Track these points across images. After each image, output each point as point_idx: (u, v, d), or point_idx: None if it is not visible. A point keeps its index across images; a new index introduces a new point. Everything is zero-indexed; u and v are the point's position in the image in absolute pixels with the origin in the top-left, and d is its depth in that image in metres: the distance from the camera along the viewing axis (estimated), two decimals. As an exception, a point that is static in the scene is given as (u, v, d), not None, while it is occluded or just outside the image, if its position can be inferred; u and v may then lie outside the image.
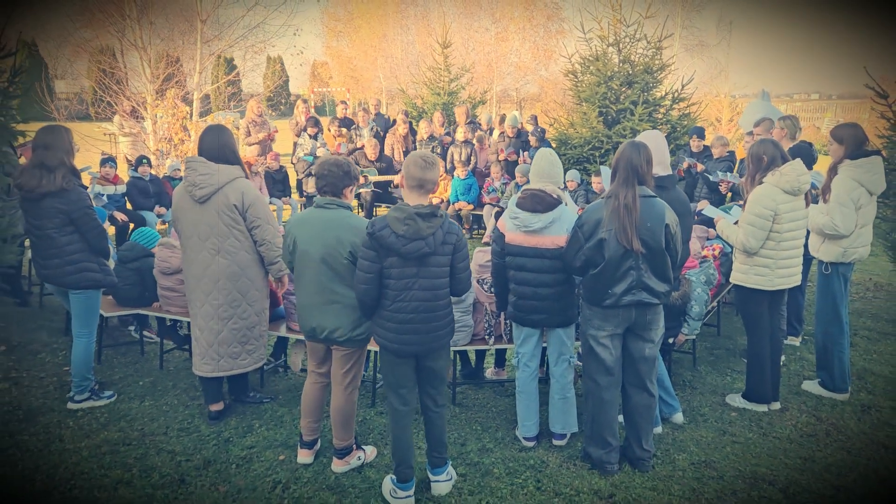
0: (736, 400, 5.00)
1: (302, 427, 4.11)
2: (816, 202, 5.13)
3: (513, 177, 10.71)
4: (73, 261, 4.48)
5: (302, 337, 5.03)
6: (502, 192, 10.64)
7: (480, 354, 5.44)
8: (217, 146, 4.30)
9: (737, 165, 8.81)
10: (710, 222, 6.70)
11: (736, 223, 4.91)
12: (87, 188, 4.56)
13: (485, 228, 10.56)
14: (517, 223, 4.08)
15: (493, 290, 4.78)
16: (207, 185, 4.21)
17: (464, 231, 10.78)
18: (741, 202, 7.27)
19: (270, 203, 10.19)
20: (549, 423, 4.44)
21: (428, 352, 3.60)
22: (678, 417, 4.71)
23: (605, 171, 4.41)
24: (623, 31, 10.56)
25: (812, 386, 5.24)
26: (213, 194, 4.22)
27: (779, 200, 4.55)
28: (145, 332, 5.95)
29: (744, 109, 9.41)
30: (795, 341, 6.23)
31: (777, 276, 4.70)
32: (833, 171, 4.88)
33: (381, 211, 11.38)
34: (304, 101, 12.19)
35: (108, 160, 9.28)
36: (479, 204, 10.78)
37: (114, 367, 5.49)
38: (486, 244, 10.02)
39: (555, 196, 4.06)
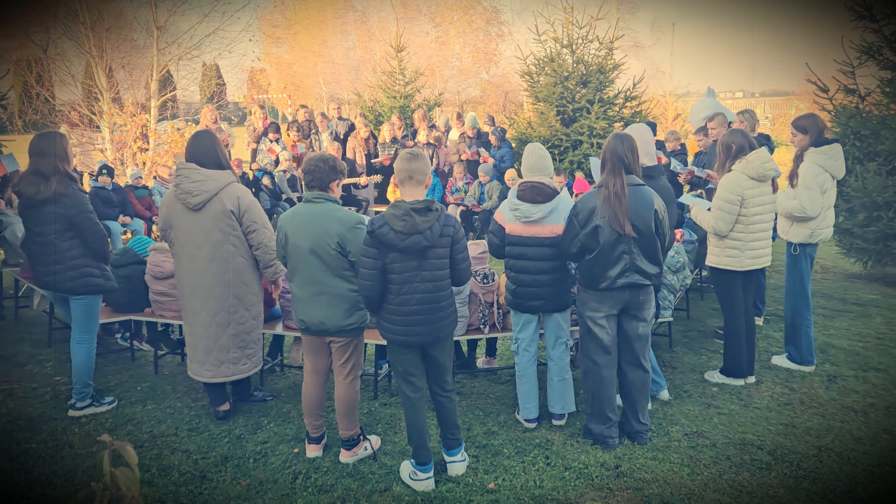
0: (714, 376, 5.32)
1: (307, 425, 4.20)
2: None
3: (475, 176, 10.97)
4: (74, 266, 4.47)
5: (300, 333, 5.14)
6: (465, 192, 10.87)
7: (472, 344, 5.63)
8: (208, 151, 4.30)
9: (690, 158, 9.24)
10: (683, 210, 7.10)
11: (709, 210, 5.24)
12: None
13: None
14: (517, 214, 4.29)
15: (486, 280, 5.00)
16: (202, 192, 4.22)
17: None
18: (698, 192, 7.69)
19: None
20: (548, 404, 4.66)
21: (434, 342, 3.75)
22: (664, 394, 4.99)
23: (595, 161, 4.66)
24: (576, 32, 10.93)
25: (781, 360, 5.60)
26: (208, 201, 4.23)
27: (745, 186, 4.90)
28: (136, 343, 5.90)
29: (691, 107, 9.84)
30: (759, 321, 6.62)
31: (747, 258, 5.04)
32: (799, 158, 5.25)
33: (346, 214, 11.44)
34: (262, 108, 12.18)
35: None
36: (443, 203, 10.99)
37: (106, 374, 5.47)
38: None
39: (553, 187, 4.29)
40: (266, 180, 10.52)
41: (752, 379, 5.26)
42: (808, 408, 4.79)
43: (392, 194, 11.23)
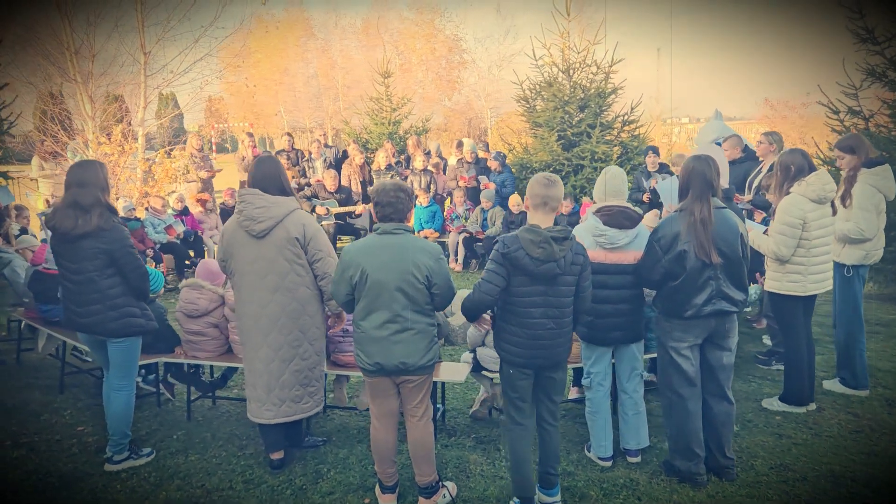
0: (774, 404, 5.15)
1: (379, 474, 3.88)
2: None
3: (475, 202, 10.77)
4: (115, 306, 4.08)
5: (343, 372, 4.81)
6: (466, 219, 10.66)
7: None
8: (272, 177, 4.07)
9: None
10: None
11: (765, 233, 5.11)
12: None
13: (448, 255, 10.49)
14: (602, 241, 4.07)
15: None
16: (266, 219, 3.97)
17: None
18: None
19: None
20: (620, 440, 4.42)
21: (553, 365, 3.69)
22: (731, 425, 4.80)
23: (665, 184, 4.49)
24: (573, 57, 10.90)
25: (834, 385, 5.47)
26: (272, 228, 3.98)
27: (806, 209, 4.77)
28: (163, 391, 5.43)
29: (699, 130, 9.88)
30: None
31: (810, 282, 4.90)
32: (851, 179, 5.17)
33: (343, 243, 11.10)
34: (250, 136, 11.84)
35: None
36: (444, 231, 10.75)
37: (134, 421, 4.97)
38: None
39: (637, 212, 4.11)
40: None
41: (812, 406, 5.11)
42: (881, 435, 4.65)
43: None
